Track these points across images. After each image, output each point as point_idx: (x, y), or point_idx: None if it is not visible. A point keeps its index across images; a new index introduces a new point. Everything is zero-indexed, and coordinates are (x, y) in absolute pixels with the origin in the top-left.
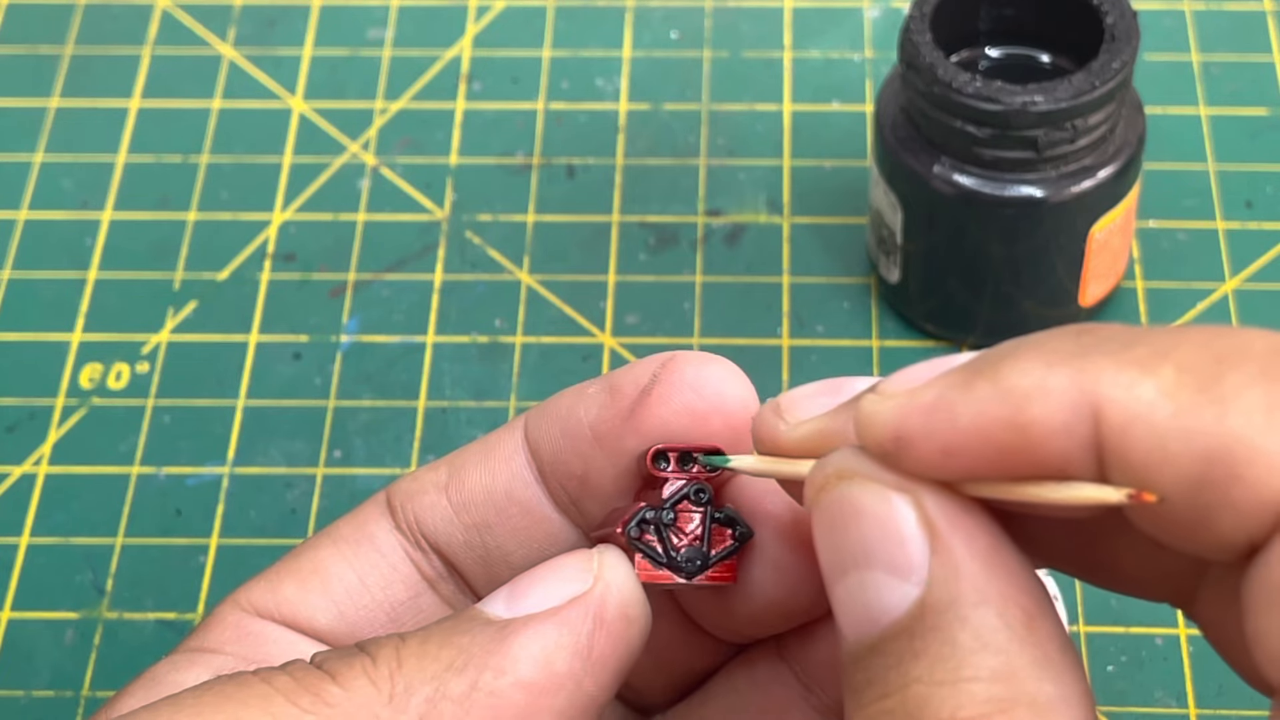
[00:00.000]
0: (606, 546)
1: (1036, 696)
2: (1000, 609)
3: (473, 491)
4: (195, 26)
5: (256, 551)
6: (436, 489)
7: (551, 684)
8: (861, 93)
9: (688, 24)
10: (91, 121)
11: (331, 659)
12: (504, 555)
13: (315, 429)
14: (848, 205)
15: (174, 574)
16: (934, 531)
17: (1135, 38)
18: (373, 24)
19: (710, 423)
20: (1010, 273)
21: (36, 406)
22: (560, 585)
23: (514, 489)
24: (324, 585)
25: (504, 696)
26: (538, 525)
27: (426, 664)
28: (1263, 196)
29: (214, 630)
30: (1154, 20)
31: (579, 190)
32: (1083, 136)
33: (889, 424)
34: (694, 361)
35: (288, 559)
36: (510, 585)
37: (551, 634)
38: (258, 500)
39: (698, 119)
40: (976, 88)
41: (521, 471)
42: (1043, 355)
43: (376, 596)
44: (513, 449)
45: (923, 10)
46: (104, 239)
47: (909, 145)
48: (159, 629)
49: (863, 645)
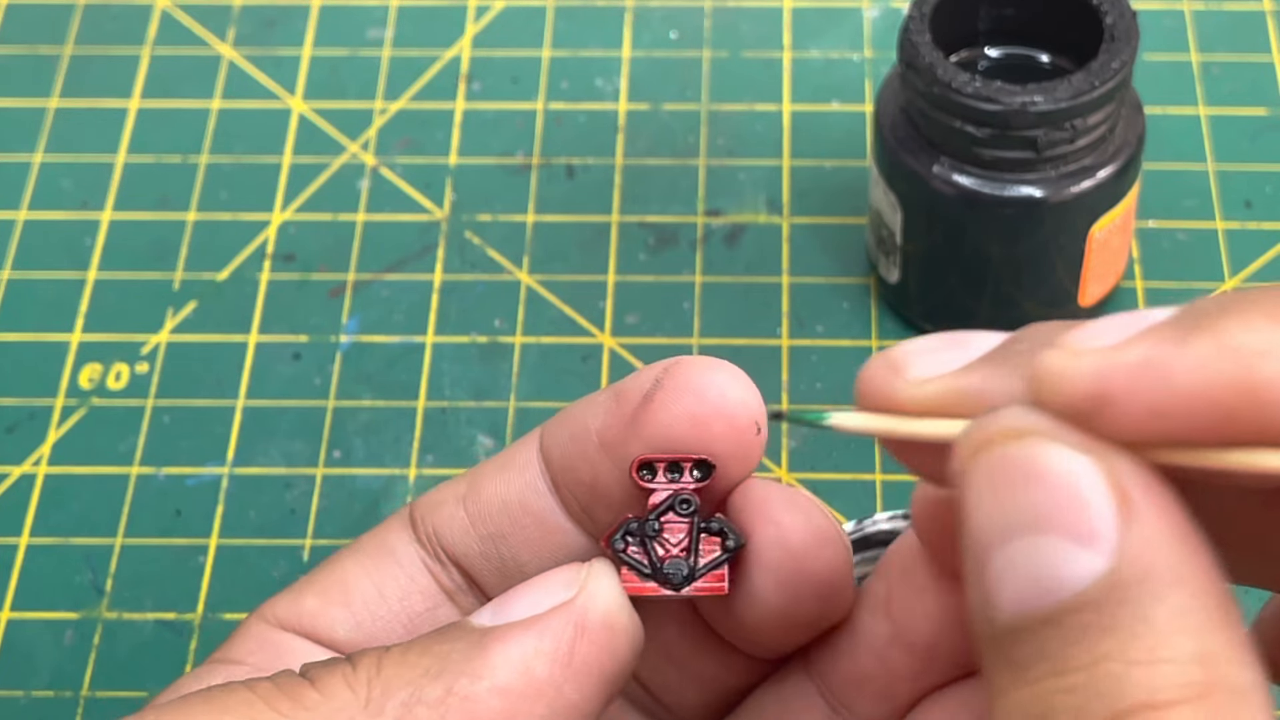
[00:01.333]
0: (598, 559)
1: (1236, 682)
2: (1196, 589)
3: (489, 503)
4: (195, 26)
5: (256, 552)
6: (455, 501)
7: (530, 690)
8: (861, 93)
9: (687, 24)
10: (91, 121)
11: (316, 667)
12: (519, 566)
13: (315, 429)
14: (847, 205)
15: (173, 574)
16: (1127, 500)
17: (1135, 38)
18: (372, 24)
19: (713, 428)
20: (1010, 273)
21: (36, 407)
22: (545, 596)
23: (527, 499)
24: (344, 597)
25: (480, 702)
26: (551, 535)
27: (405, 670)
28: (1262, 196)
29: (239, 642)
30: (1153, 20)
31: (579, 190)
32: (1082, 136)
33: (1087, 382)
34: (697, 366)
35: (314, 572)
36: (499, 597)
37: (531, 641)
38: (257, 500)
39: (697, 119)
40: (976, 88)
41: (535, 481)
42: (1268, 312)
43: (394, 608)
44: (527, 459)
45: (922, 10)
46: (103, 239)
47: (908, 145)
48: (158, 629)
49: (1030, 617)
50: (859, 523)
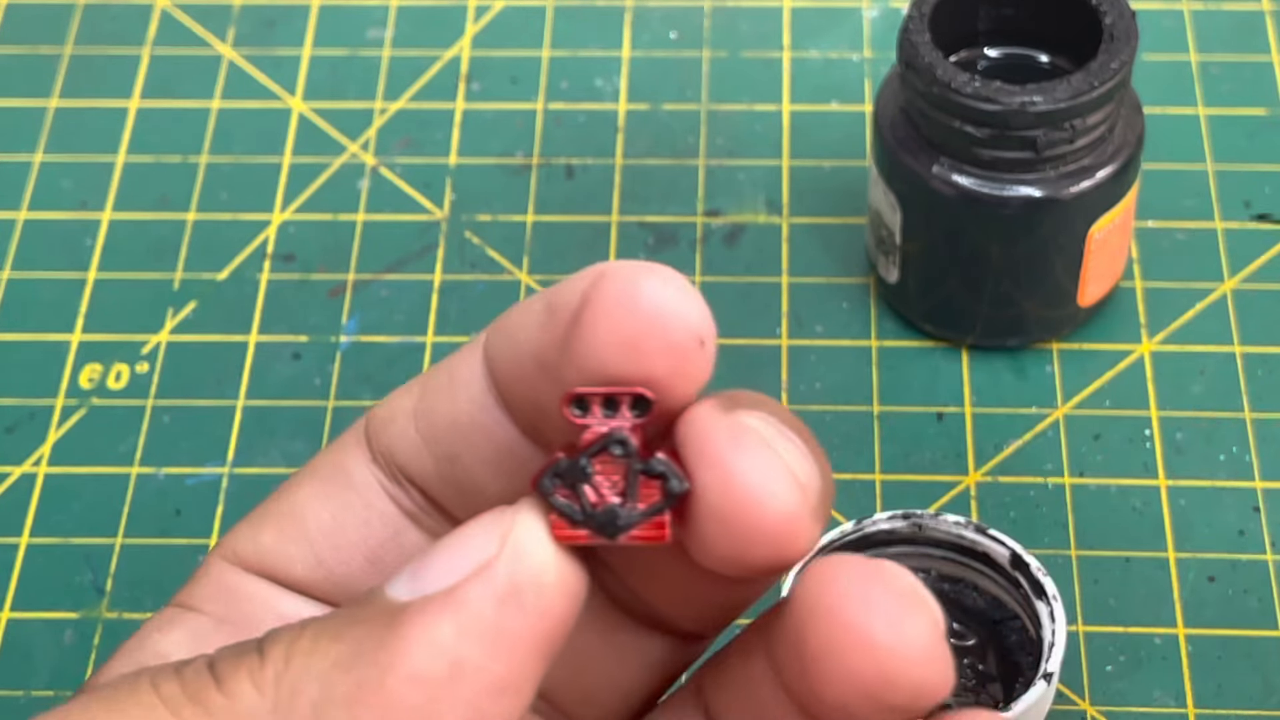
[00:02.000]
0: (524, 502)
1: None
2: None
3: (439, 422)
4: (195, 27)
5: None
6: (406, 416)
7: (452, 674)
8: (860, 93)
9: (687, 24)
10: (91, 121)
11: (225, 658)
12: (479, 488)
13: (315, 429)
14: (847, 205)
15: (173, 574)
16: None
17: (1134, 38)
18: (372, 24)
19: (648, 347)
20: (1009, 273)
21: (36, 407)
22: (463, 557)
23: (476, 417)
24: (301, 530)
25: (396, 695)
26: (508, 455)
27: (315, 662)
28: (1261, 196)
29: (199, 586)
30: (1153, 20)
31: (578, 190)
32: (1081, 137)
33: None
34: (626, 275)
35: (271, 500)
36: (415, 560)
37: (448, 619)
38: (257, 500)
39: (697, 119)
40: (975, 88)
41: (482, 397)
42: None
43: (353, 538)
44: (472, 372)
45: (921, 10)
46: (103, 239)
47: (908, 145)
48: None
49: None
50: (858, 522)
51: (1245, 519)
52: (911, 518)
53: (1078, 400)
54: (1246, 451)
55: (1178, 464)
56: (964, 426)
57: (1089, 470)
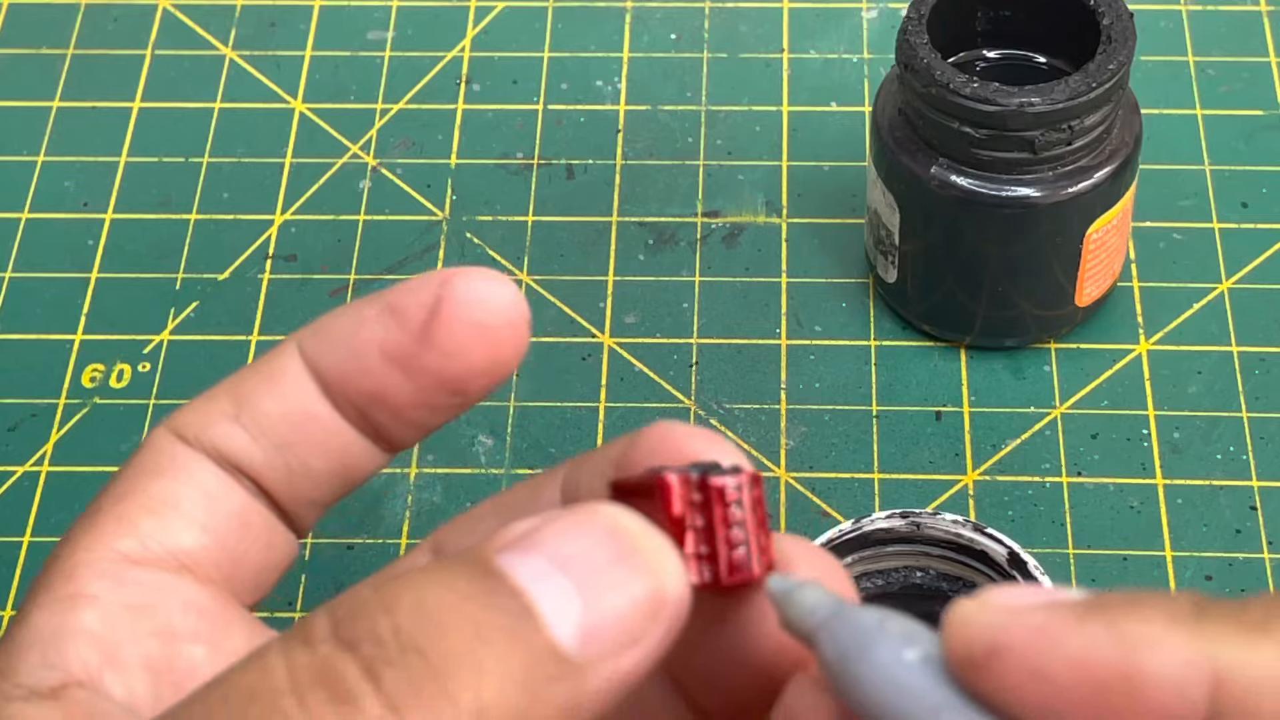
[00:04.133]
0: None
1: None
2: None
3: (268, 416)
4: (196, 28)
5: None
6: (226, 418)
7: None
8: (859, 94)
9: (686, 25)
10: (93, 122)
11: None
12: (306, 470)
13: None
14: (845, 206)
15: None
16: None
17: (1131, 39)
18: (373, 25)
19: (499, 335)
20: (1007, 273)
21: (39, 406)
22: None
23: (309, 408)
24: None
25: None
26: (334, 438)
27: None
28: (1258, 197)
29: (91, 563)
30: (1150, 21)
31: (578, 191)
32: (1079, 137)
33: (985, 633)
34: (472, 277)
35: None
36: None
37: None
38: None
39: (696, 120)
40: (973, 89)
41: (312, 391)
42: (1167, 611)
43: (221, 522)
44: (297, 372)
45: (920, 12)
46: (106, 239)
47: (906, 146)
48: None
49: None
50: (856, 521)
51: (1242, 518)
52: (910, 516)
53: (1075, 400)
54: (1243, 450)
55: (1175, 463)
56: (962, 426)
57: (1087, 469)
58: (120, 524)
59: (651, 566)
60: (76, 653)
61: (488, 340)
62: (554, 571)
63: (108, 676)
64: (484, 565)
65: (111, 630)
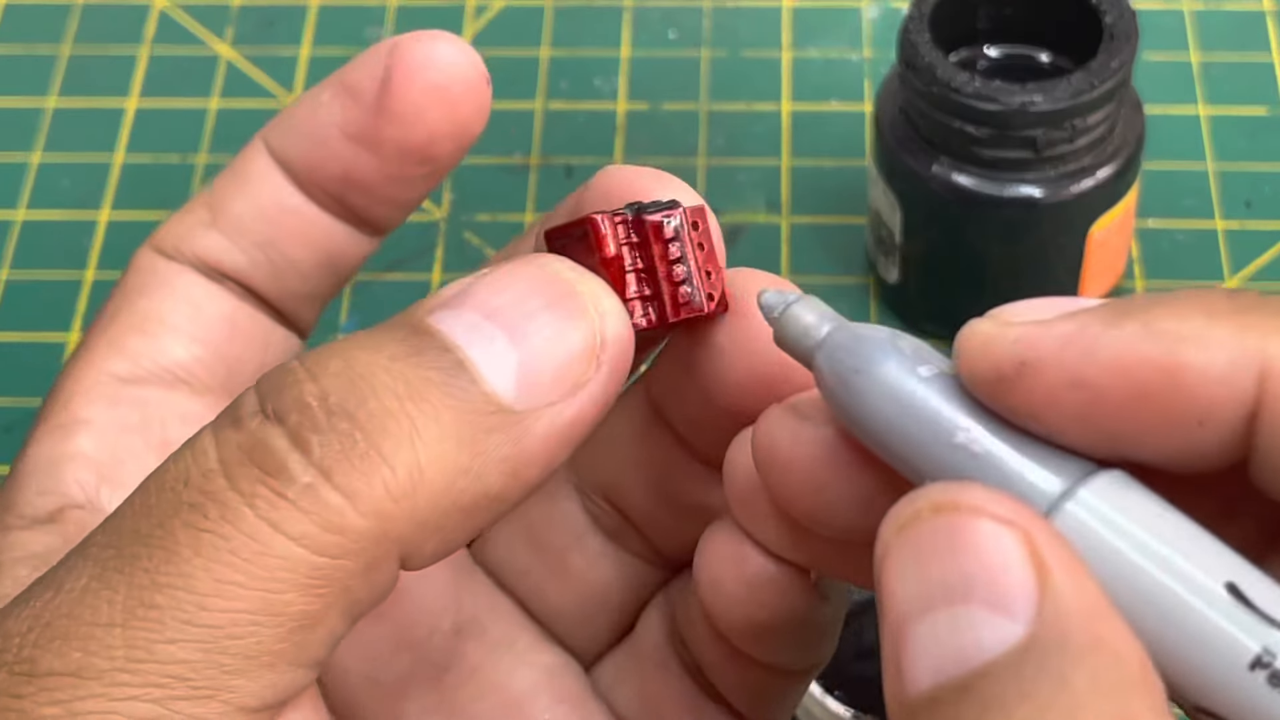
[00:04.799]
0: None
1: None
2: (1113, 654)
3: (244, 216)
4: (193, 26)
5: None
6: (202, 226)
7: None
8: (860, 92)
9: (686, 24)
10: (89, 121)
11: None
12: (291, 264)
13: None
14: (847, 205)
15: None
16: (1044, 569)
17: (1134, 37)
18: (371, 23)
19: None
20: (1009, 273)
21: (34, 407)
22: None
23: (282, 200)
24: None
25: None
26: (312, 226)
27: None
28: (1261, 196)
29: (84, 390)
30: (1153, 20)
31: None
32: (1082, 136)
33: (1012, 348)
34: (420, 40)
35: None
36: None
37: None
38: None
39: (696, 119)
40: (975, 87)
41: (283, 183)
42: (1203, 306)
43: (208, 332)
44: (264, 168)
45: (921, 10)
46: (102, 239)
47: (908, 145)
48: None
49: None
50: None
51: None
52: None
53: None
54: None
55: None
56: None
57: None
58: (110, 347)
59: (587, 310)
60: (73, 476)
61: (443, 101)
62: (485, 323)
63: (106, 495)
64: (413, 326)
65: (108, 451)
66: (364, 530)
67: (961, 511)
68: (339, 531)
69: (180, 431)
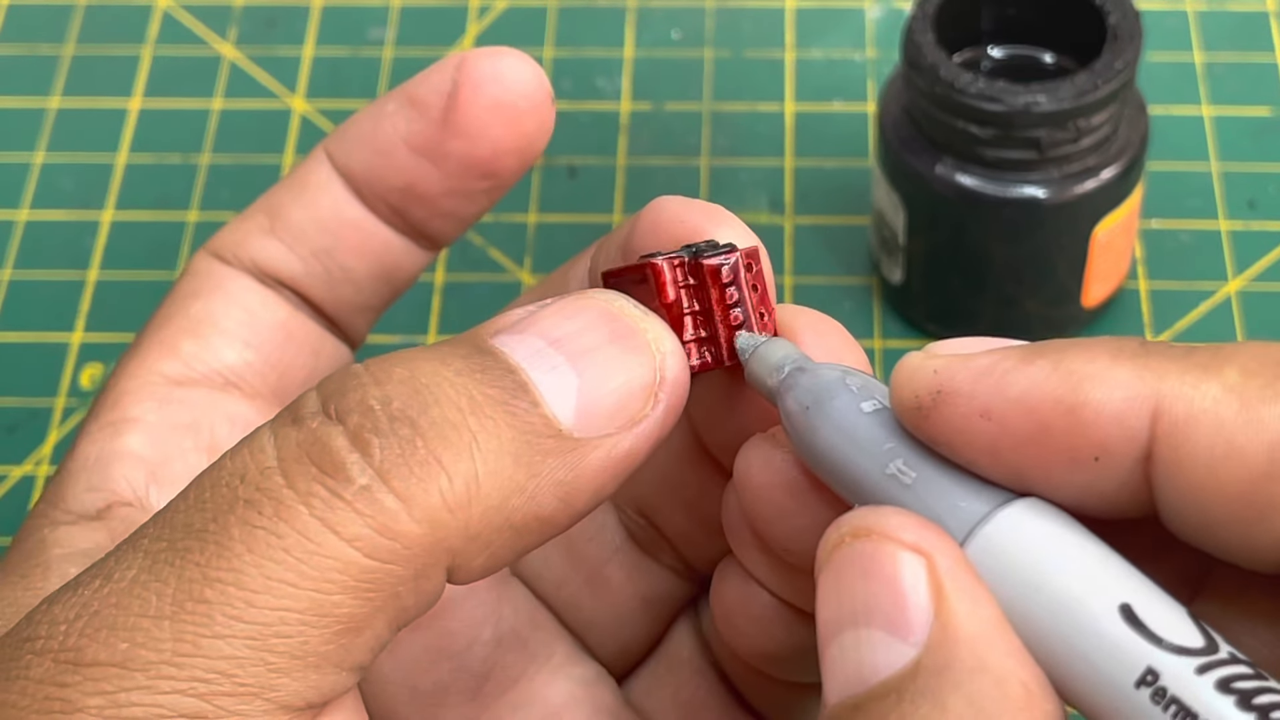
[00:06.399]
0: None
1: None
2: (998, 678)
3: (302, 224)
4: (195, 26)
5: None
6: (260, 233)
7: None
8: (864, 92)
9: (689, 24)
10: (92, 121)
11: None
12: (346, 274)
13: None
14: (850, 205)
15: None
16: (940, 594)
17: (1138, 38)
18: (373, 23)
19: (520, 111)
20: (1013, 273)
21: (37, 407)
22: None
23: (342, 211)
24: (220, 335)
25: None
26: (370, 239)
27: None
28: (1266, 196)
29: (135, 390)
30: (1157, 20)
31: (580, 191)
32: (1085, 137)
33: (931, 379)
34: (488, 56)
35: (177, 315)
36: (576, 393)
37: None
38: None
39: (699, 119)
40: (979, 88)
41: (343, 194)
42: (1110, 350)
43: (263, 336)
44: (325, 178)
45: (925, 10)
46: (104, 239)
47: (911, 145)
48: None
49: (845, 704)
50: None
51: None
52: None
53: None
54: None
55: None
56: None
57: None
58: (162, 348)
59: (649, 347)
60: (122, 474)
61: (509, 118)
62: (549, 350)
63: (154, 493)
64: (476, 345)
65: (157, 449)
66: (417, 537)
67: (874, 537)
68: (392, 536)
69: (229, 434)
